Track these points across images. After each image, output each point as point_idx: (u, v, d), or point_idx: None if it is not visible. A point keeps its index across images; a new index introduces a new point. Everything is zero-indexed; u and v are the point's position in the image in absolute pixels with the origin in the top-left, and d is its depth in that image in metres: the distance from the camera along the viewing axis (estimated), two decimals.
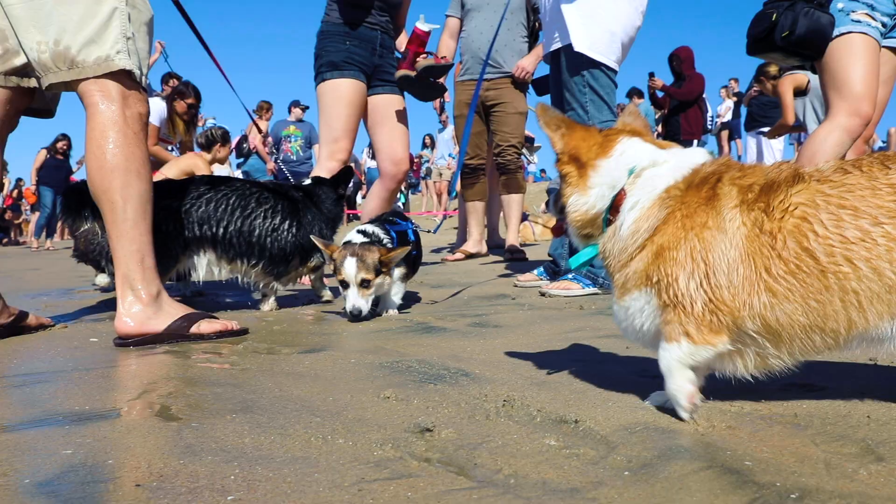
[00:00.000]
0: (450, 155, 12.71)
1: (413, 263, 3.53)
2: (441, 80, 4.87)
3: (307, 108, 13.58)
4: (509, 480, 1.20)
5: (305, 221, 3.54)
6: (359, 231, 3.27)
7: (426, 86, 4.76)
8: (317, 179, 3.92)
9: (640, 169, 1.61)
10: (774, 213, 1.48)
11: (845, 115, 3.96)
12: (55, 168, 14.48)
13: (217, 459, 1.32)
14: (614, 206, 1.62)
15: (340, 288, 3.12)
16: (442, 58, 4.73)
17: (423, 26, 4.56)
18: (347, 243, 3.15)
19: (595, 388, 1.82)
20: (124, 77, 2.52)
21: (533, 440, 1.41)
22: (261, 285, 3.52)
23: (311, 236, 3.21)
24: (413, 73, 4.56)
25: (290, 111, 13.11)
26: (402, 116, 4.64)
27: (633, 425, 1.50)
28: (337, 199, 3.81)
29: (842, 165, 1.51)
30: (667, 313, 1.54)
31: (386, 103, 4.55)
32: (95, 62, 2.47)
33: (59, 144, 14.32)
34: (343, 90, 4.30)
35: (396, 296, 3.34)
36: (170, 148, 8.02)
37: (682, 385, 1.52)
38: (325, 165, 4.26)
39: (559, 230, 1.89)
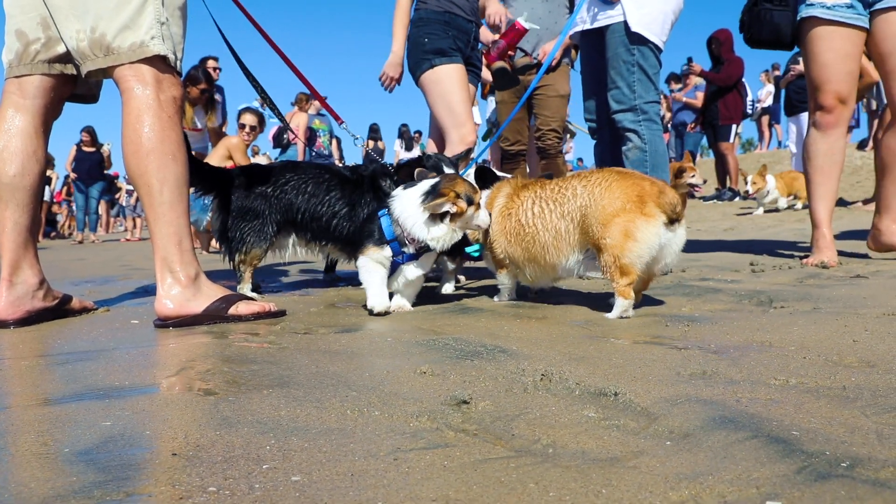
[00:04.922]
0: None
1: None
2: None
3: (325, 97, 13.58)
4: (548, 450, 1.18)
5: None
6: None
7: (511, 79, 5.21)
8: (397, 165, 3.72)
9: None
10: (513, 199, 2.82)
11: (812, 113, 3.92)
12: (86, 160, 14.84)
13: (253, 431, 1.32)
14: None
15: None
16: (534, 57, 5.01)
17: (524, 24, 4.66)
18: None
19: (634, 364, 1.79)
20: (159, 62, 2.53)
21: (572, 412, 1.39)
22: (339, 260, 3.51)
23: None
24: (510, 68, 4.97)
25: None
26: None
27: (674, 398, 1.46)
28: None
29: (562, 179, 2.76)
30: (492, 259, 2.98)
31: None
32: (130, 48, 2.49)
33: (83, 136, 14.64)
34: (460, 75, 4.24)
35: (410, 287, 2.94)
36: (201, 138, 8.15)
37: (503, 291, 3.05)
38: (457, 150, 4.10)
39: None
